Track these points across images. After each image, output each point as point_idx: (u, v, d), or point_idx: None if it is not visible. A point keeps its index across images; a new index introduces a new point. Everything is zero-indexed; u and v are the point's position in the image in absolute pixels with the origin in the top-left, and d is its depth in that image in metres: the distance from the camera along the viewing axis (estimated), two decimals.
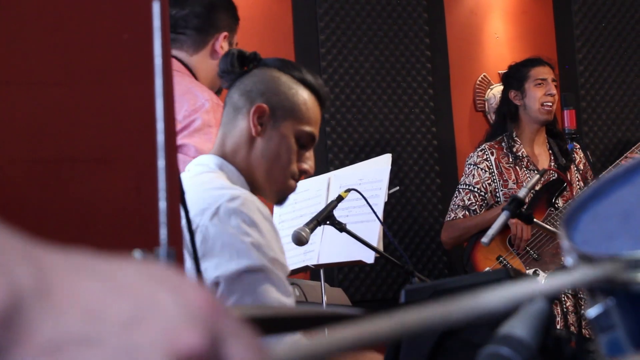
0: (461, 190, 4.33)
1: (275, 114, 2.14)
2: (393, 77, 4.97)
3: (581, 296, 3.71)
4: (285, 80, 2.17)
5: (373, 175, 3.33)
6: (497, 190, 4.26)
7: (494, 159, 4.30)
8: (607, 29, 5.49)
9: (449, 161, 5.08)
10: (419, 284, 2.59)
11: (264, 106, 2.14)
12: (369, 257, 3.15)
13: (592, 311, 0.81)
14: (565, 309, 4.00)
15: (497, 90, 5.14)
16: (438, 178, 5.02)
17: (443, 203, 4.88)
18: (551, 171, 4.17)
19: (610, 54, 5.47)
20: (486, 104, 5.26)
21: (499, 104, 4.59)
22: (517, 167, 4.28)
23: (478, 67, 5.27)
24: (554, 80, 4.33)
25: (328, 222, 2.70)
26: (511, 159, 4.28)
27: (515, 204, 2.52)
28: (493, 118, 5.10)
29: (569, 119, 3.82)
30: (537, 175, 2.73)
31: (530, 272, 4.05)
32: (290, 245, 2.58)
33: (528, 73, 4.33)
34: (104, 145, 1.53)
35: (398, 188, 4.32)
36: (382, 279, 4.84)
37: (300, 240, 2.57)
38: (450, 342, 1.65)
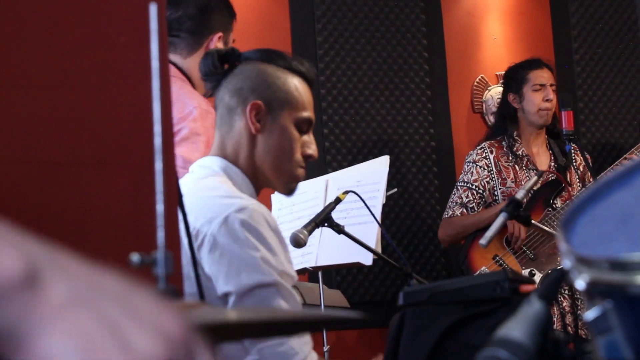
0: (459, 187, 4.33)
1: (271, 107, 2.13)
2: (391, 78, 4.97)
3: (578, 297, 3.71)
4: (272, 71, 2.16)
5: (371, 177, 3.33)
6: (495, 189, 4.26)
7: (493, 157, 4.30)
8: (605, 30, 5.49)
9: (446, 162, 5.08)
10: (417, 285, 2.59)
11: (259, 102, 2.12)
12: (367, 259, 3.15)
13: (590, 314, 0.81)
14: (562, 310, 4.00)
15: (495, 92, 5.14)
16: (436, 179, 5.02)
17: (441, 204, 4.88)
18: (549, 172, 4.17)
19: (607, 55, 5.47)
20: (484, 105, 5.26)
21: (498, 105, 4.59)
22: (517, 166, 4.28)
23: (475, 69, 5.27)
24: (552, 85, 4.32)
25: (326, 224, 2.70)
26: (511, 158, 4.28)
27: (513, 205, 2.52)
28: (491, 119, 5.10)
29: (566, 120, 3.82)
30: (535, 177, 2.73)
31: (526, 272, 4.05)
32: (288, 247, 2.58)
33: (527, 76, 4.32)
34: (101, 148, 1.53)
35: (396, 190, 4.32)
36: (380, 281, 4.84)
37: (298, 242, 2.57)
38: (448, 344, 1.65)
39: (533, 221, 2.66)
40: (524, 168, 4.27)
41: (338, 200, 2.76)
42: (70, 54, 1.50)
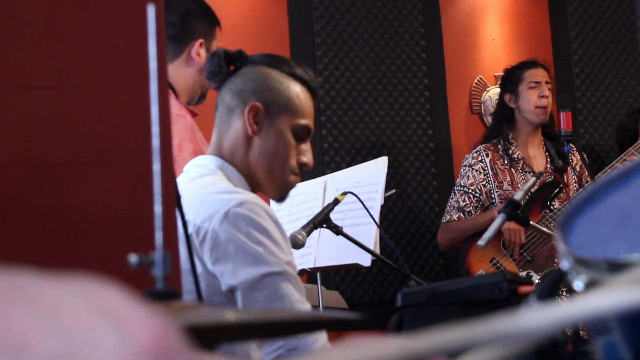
0: (456, 191, 4.34)
1: (269, 111, 2.14)
2: (389, 79, 4.97)
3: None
4: (275, 75, 2.17)
5: (369, 178, 3.33)
6: (492, 192, 4.27)
7: (489, 160, 4.31)
8: (603, 31, 5.49)
9: (445, 163, 5.08)
10: (416, 287, 2.59)
11: (258, 104, 2.13)
12: (365, 260, 3.15)
13: None
14: None
15: (493, 93, 5.14)
16: (434, 180, 5.02)
17: (439, 205, 4.88)
18: (547, 173, 4.17)
19: (606, 56, 5.48)
20: (482, 106, 5.26)
21: (495, 107, 4.60)
22: (513, 170, 4.28)
23: (474, 70, 5.27)
24: (547, 82, 4.33)
25: (324, 225, 2.70)
26: (506, 161, 4.29)
27: (511, 206, 2.52)
28: (489, 120, 5.10)
29: (564, 121, 3.82)
30: (534, 178, 2.73)
31: (523, 275, 4.05)
32: None
33: (522, 75, 4.34)
34: (99, 149, 1.53)
35: (394, 191, 4.32)
36: (378, 282, 4.84)
37: (297, 243, 2.57)
38: None
39: (531, 222, 2.66)
40: (520, 171, 4.28)
41: (336, 201, 2.76)
42: (68, 55, 1.50)
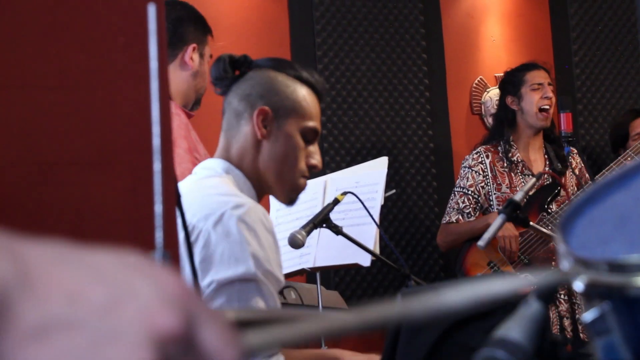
0: (456, 193, 4.34)
1: (278, 114, 2.15)
2: (389, 79, 4.98)
3: (575, 301, 3.71)
4: (281, 79, 2.18)
5: (369, 178, 3.33)
6: (490, 194, 4.27)
7: (489, 162, 4.30)
8: (604, 32, 5.49)
9: (445, 164, 5.08)
10: (416, 287, 2.59)
11: (266, 108, 2.14)
12: (365, 260, 3.15)
13: (588, 315, 0.81)
14: (559, 313, 4.00)
15: (494, 93, 5.14)
16: (434, 181, 5.02)
17: (439, 206, 4.88)
18: (546, 175, 4.16)
19: (606, 57, 5.48)
20: (482, 106, 5.26)
21: (496, 109, 4.59)
22: (512, 173, 4.28)
23: (474, 70, 5.28)
24: (550, 84, 4.33)
25: (324, 225, 2.70)
26: (506, 164, 4.29)
27: (511, 207, 2.52)
28: (489, 121, 5.11)
29: (565, 122, 3.82)
30: (534, 179, 2.73)
31: None
32: (286, 248, 2.58)
33: (524, 77, 4.33)
34: (99, 149, 1.53)
35: (394, 191, 4.32)
36: (378, 282, 4.84)
37: (297, 243, 2.57)
38: (446, 346, 1.65)
39: (531, 223, 2.66)
40: (519, 174, 4.27)
41: (336, 201, 2.76)
42: (68, 55, 1.50)
